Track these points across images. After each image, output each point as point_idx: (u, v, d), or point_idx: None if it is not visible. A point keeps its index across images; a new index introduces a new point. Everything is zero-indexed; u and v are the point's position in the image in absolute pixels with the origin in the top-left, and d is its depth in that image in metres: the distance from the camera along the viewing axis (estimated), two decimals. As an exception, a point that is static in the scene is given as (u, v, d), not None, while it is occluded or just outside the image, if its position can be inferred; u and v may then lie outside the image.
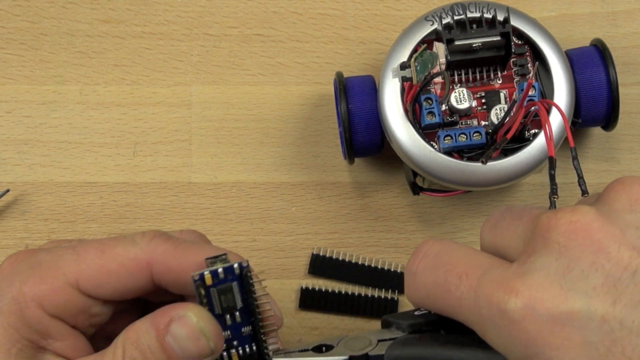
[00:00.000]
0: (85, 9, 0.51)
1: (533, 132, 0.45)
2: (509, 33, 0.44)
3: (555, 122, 0.44)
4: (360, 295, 0.49)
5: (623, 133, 0.50)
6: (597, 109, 0.46)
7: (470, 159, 0.45)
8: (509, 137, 0.42)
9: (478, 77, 0.46)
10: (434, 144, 0.45)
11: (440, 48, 0.45)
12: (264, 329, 0.38)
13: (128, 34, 0.51)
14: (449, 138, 0.44)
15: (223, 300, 0.37)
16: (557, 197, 0.37)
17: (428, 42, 0.46)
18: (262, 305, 0.38)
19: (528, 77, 0.46)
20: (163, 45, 0.51)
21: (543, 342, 0.30)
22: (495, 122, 0.44)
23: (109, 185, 0.50)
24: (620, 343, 0.29)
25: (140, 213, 0.50)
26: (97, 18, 0.51)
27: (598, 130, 0.50)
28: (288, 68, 0.51)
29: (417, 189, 0.47)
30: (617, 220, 0.31)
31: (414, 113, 0.45)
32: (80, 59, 0.51)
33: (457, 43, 0.44)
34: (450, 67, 0.45)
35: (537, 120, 0.45)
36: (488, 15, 0.45)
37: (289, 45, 0.51)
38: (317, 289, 0.49)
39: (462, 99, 0.45)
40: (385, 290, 0.49)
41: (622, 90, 0.46)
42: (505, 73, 0.46)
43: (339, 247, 0.49)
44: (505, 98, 0.46)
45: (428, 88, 0.45)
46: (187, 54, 0.51)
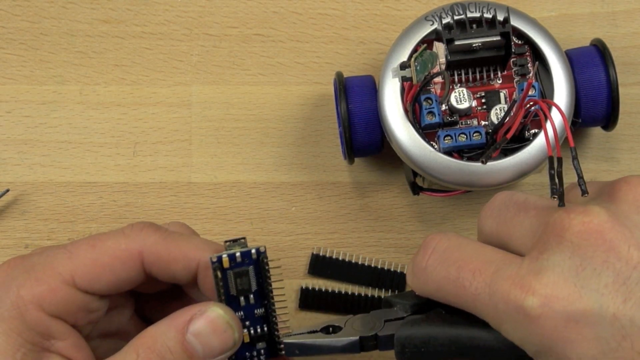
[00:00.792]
0: (85, 9, 0.51)
1: (533, 132, 0.45)
2: (509, 33, 0.44)
3: (555, 122, 0.44)
4: (360, 295, 0.49)
5: (623, 133, 0.50)
6: (597, 109, 0.46)
7: (470, 159, 0.45)
8: (509, 137, 0.42)
9: (478, 77, 0.46)
10: (434, 144, 0.45)
11: (440, 48, 0.45)
12: (276, 312, 0.39)
13: (128, 34, 0.51)
14: (449, 138, 0.44)
15: (239, 283, 0.38)
16: (557, 197, 0.37)
17: (428, 42, 0.46)
18: (276, 290, 0.39)
19: (528, 77, 0.46)
20: (163, 45, 0.51)
21: (558, 337, 0.31)
22: (495, 122, 0.44)
23: (109, 185, 0.50)
24: (630, 339, 0.31)
25: (140, 213, 0.50)
26: (97, 18, 0.51)
27: (598, 130, 0.49)
28: (288, 68, 0.51)
29: (417, 189, 0.47)
30: (626, 221, 0.33)
31: (414, 113, 0.45)
32: (80, 59, 0.51)
33: (457, 43, 0.44)
34: (450, 67, 0.45)
35: (537, 120, 0.45)
36: (488, 15, 0.45)
37: (289, 45, 0.51)
38: (317, 289, 0.49)
39: (462, 99, 0.45)
40: (385, 290, 0.49)
41: (622, 90, 0.46)
42: (505, 73, 0.46)
43: (339, 247, 0.49)
44: (505, 98, 0.46)
45: (428, 88, 0.45)
46: (187, 54, 0.51)
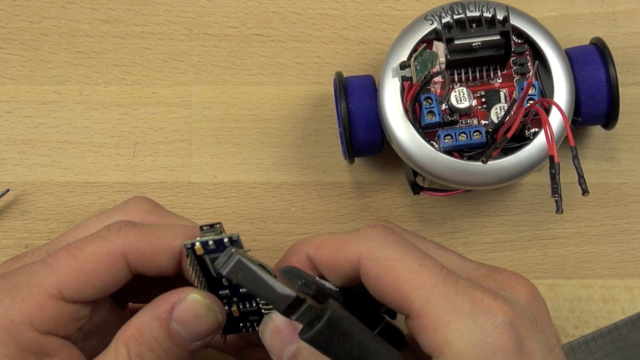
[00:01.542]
0: (85, 9, 0.51)
1: (533, 131, 0.45)
2: (509, 32, 0.44)
3: (556, 121, 0.44)
4: (361, 295, 0.49)
5: (623, 133, 0.50)
6: (597, 107, 0.46)
7: (471, 158, 0.44)
8: (509, 136, 0.42)
9: (478, 76, 0.46)
10: (434, 144, 0.45)
11: (440, 47, 0.45)
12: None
13: (128, 34, 0.51)
14: (449, 137, 0.44)
15: (216, 268, 0.37)
16: (557, 196, 0.37)
17: (428, 41, 0.46)
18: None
19: (528, 76, 0.46)
20: (163, 45, 0.51)
21: None
22: (496, 121, 0.44)
23: (109, 185, 0.50)
24: None
25: (140, 213, 0.50)
26: (97, 18, 0.51)
27: (598, 130, 0.49)
28: (288, 68, 0.51)
29: (417, 189, 0.47)
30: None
31: (414, 112, 0.45)
32: (80, 59, 0.51)
33: (456, 42, 0.44)
34: (450, 66, 0.45)
35: (537, 119, 0.45)
36: (488, 15, 0.45)
37: (289, 45, 0.51)
38: (317, 289, 0.49)
39: (462, 98, 0.45)
40: (386, 290, 0.49)
41: (622, 90, 0.46)
42: (505, 72, 0.46)
43: (339, 247, 0.49)
44: (505, 97, 0.46)
45: (428, 87, 0.45)
46: (187, 54, 0.51)
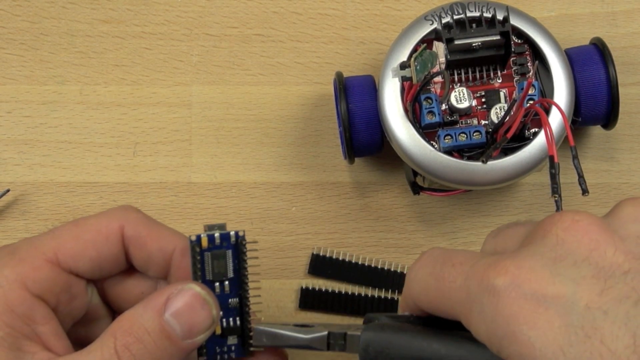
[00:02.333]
0: (85, 9, 0.51)
1: (533, 131, 0.45)
2: (509, 32, 0.44)
3: (555, 121, 0.44)
4: (360, 295, 0.49)
5: (623, 133, 0.50)
6: (597, 107, 0.46)
7: (471, 158, 0.44)
8: (509, 136, 0.42)
9: (478, 76, 0.46)
10: (434, 144, 0.45)
11: (440, 47, 0.45)
12: (250, 303, 0.39)
13: (128, 34, 0.51)
14: (449, 137, 0.44)
15: (215, 266, 0.38)
16: (557, 196, 0.37)
17: (428, 41, 0.46)
18: (252, 284, 0.39)
19: (528, 76, 0.46)
20: (163, 45, 0.51)
21: (524, 320, 0.30)
22: (496, 121, 0.44)
23: (109, 185, 0.50)
24: (601, 332, 0.29)
25: (140, 213, 0.50)
26: (97, 18, 0.51)
27: (598, 130, 0.49)
28: (288, 68, 0.51)
29: (417, 189, 0.47)
30: (619, 228, 0.31)
31: (414, 112, 0.45)
32: (80, 59, 0.51)
33: (456, 42, 0.44)
34: (450, 66, 0.45)
35: (537, 119, 0.45)
36: (487, 15, 0.45)
37: (289, 45, 0.51)
38: (317, 289, 0.49)
39: (462, 98, 0.45)
40: (385, 290, 0.49)
41: (622, 90, 0.46)
42: (505, 72, 0.46)
43: (339, 247, 0.49)
44: (505, 97, 0.46)
45: (428, 87, 0.45)
46: (187, 54, 0.51)
